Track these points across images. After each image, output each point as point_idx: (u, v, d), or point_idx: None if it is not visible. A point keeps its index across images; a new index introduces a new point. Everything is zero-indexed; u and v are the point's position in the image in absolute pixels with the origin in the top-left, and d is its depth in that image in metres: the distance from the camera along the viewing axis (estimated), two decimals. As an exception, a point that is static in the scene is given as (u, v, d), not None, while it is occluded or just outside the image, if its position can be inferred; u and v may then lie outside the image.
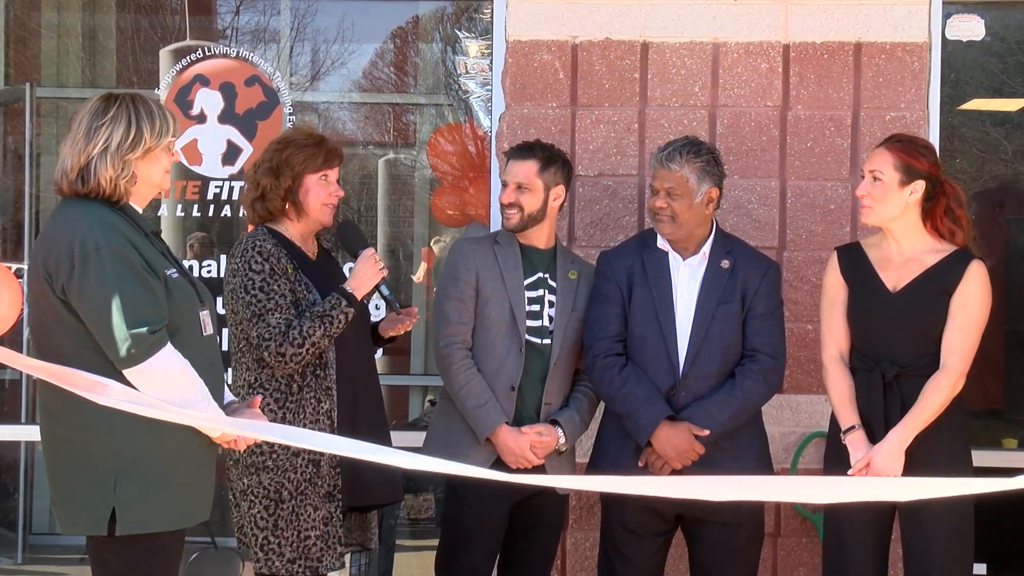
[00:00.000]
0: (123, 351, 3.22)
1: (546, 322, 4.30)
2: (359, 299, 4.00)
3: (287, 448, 3.89)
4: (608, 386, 4.19)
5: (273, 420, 3.87)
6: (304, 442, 3.60)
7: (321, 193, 4.08)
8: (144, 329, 3.23)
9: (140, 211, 3.48)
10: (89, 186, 3.36)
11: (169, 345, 3.28)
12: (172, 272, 3.41)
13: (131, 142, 3.38)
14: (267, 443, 3.61)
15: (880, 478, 3.87)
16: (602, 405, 4.36)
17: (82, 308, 3.27)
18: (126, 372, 3.24)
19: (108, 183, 3.36)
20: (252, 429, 3.42)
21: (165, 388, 3.25)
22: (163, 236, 3.70)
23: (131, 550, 3.32)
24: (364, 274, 4.01)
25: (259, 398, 3.70)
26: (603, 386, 4.22)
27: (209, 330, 3.49)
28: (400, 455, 3.10)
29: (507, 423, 4.22)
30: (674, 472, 4.12)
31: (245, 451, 3.75)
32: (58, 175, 3.43)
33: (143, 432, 3.27)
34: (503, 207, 4.33)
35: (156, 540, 3.35)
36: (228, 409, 3.50)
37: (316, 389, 3.96)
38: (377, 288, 4.05)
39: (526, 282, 4.31)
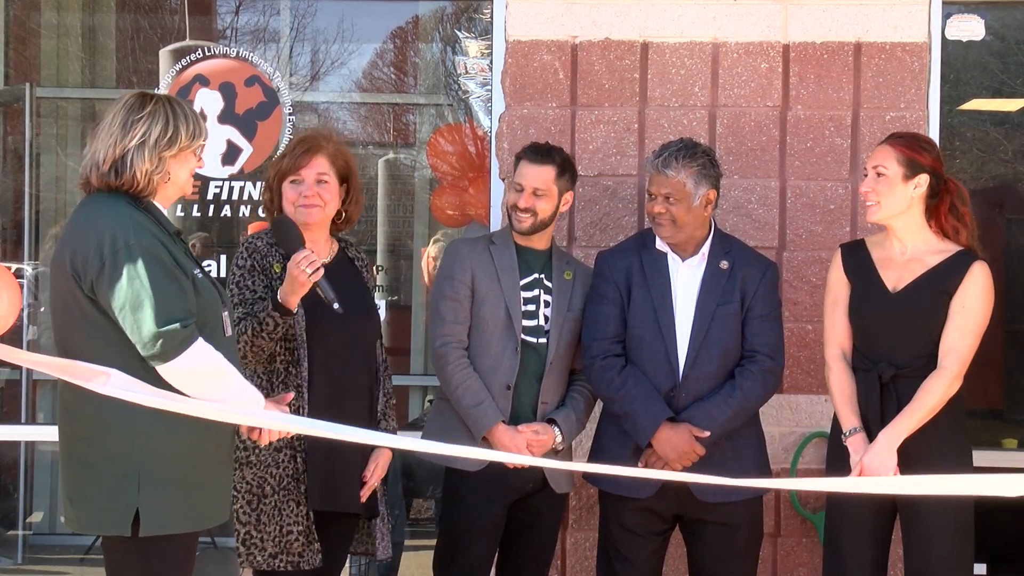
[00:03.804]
0: (156, 348, 3.22)
1: (542, 322, 4.30)
2: (291, 304, 3.83)
3: (270, 443, 3.86)
4: (608, 387, 4.19)
5: None
6: (335, 433, 3.58)
7: (290, 195, 4.06)
8: (176, 325, 3.22)
9: (164, 211, 3.48)
10: (123, 178, 3.35)
11: (201, 340, 3.27)
12: (197, 272, 3.41)
13: (168, 139, 3.38)
14: (250, 438, 3.61)
15: (880, 478, 3.87)
16: (599, 405, 4.36)
17: (112, 306, 3.25)
18: (160, 369, 3.24)
19: (143, 176, 3.35)
20: (282, 420, 3.41)
21: (201, 382, 3.25)
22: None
23: (149, 550, 3.32)
24: (292, 278, 3.80)
25: (291, 394, 3.67)
26: (602, 387, 4.22)
27: (229, 331, 3.50)
28: (435, 445, 3.19)
29: (503, 422, 4.22)
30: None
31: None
32: (87, 167, 3.41)
33: (164, 433, 3.27)
34: (517, 210, 4.28)
35: (174, 541, 3.35)
36: None
37: (289, 386, 3.93)
38: (317, 286, 3.84)
39: (522, 282, 4.30)
